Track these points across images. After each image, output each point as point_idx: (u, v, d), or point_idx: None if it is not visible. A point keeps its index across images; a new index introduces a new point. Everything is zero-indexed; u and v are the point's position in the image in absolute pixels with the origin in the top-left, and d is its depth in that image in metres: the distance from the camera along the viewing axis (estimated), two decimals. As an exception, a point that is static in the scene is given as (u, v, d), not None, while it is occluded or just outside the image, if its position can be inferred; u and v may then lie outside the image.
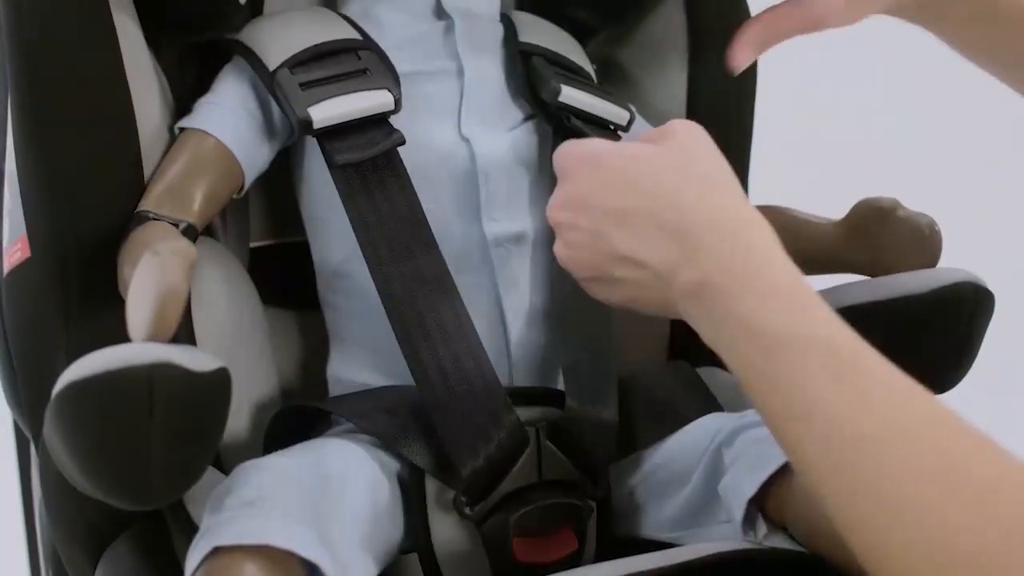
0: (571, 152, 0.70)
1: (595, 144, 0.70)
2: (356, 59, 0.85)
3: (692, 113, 1.00)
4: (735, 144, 1.02)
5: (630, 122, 0.92)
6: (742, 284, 0.61)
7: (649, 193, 0.65)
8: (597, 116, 0.90)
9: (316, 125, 0.81)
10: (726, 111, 1.01)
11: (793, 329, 0.59)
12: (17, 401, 0.84)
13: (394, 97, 0.83)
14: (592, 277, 0.70)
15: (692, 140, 0.69)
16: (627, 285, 0.67)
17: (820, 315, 0.60)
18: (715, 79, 1.00)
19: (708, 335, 0.64)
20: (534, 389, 0.86)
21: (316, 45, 0.85)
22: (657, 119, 1.00)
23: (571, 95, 0.88)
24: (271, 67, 0.84)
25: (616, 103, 0.92)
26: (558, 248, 0.70)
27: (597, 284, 0.70)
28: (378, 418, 0.80)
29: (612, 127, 0.92)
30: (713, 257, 0.62)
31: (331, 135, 0.83)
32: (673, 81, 1.01)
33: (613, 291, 0.69)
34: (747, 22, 0.84)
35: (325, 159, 0.83)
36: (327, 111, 0.82)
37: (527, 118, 0.90)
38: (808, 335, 0.59)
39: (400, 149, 0.84)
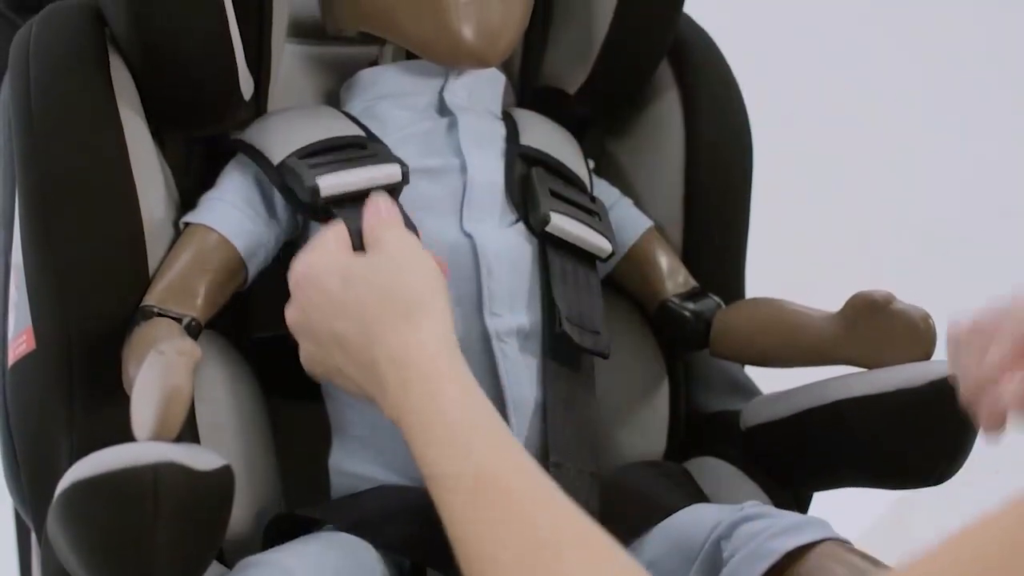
0: (296, 269, 0.75)
1: (316, 262, 0.74)
2: (362, 149, 0.87)
3: (688, 205, 1.01)
4: (732, 232, 1.04)
5: (611, 256, 0.94)
6: (412, 422, 0.66)
7: (356, 318, 0.70)
8: (578, 248, 0.92)
9: (323, 193, 0.83)
10: (722, 200, 1.03)
11: (446, 467, 0.64)
12: (19, 491, 0.85)
13: (402, 170, 0.85)
14: (329, 379, 0.75)
15: (403, 256, 0.74)
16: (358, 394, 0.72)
17: (474, 449, 0.64)
18: (711, 169, 1.02)
19: None
20: None
21: (321, 140, 0.87)
22: (654, 210, 1.02)
23: (558, 225, 0.89)
24: (276, 160, 0.86)
25: (601, 233, 0.93)
26: (300, 352, 0.76)
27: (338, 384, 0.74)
28: (379, 525, 0.80)
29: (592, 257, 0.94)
30: (393, 394, 0.68)
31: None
32: (669, 171, 1.02)
33: (352, 393, 0.73)
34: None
35: None
36: (334, 180, 0.83)
37: (521, 217, 0.92)
38: (455, 473, 0.64)
39: None
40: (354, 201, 0.83)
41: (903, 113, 1.92)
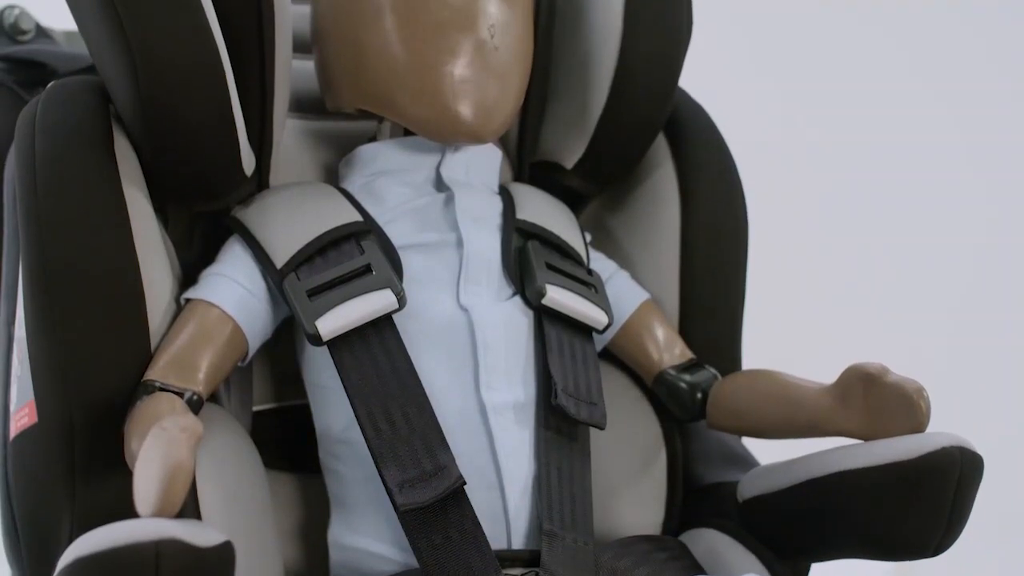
0: None
1: None
2: (359, 251, 0.88)
3: (684, 277, 1.02)
4: (728, 304, 1.04)
5: (607, 327, 0.94)
6: None
7: None
8: (575, 320, 0.93)
9: (325, 338, 0.84)
10: (718, 272, 1.04)
11: None
12: (20, 565, 0.85)
13: (396, 296, 0.85)
14: None
15: None
16: None
17: None
18: (707, 242, 1.03)
19: None
20: (532, 552, 0.87)
21: (319, 237, 0.88)
22: (650, 282, 1.03)
23: (554, 297, 0.91)
24: (277, 264, 0.87)
25: (598, 305, 0.94)
26: None
27: None
28: None
29: (589, 329, 0.95)
30: None
31: None
32: (665, 244, 1.03)
33: None
34: None
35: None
36: (334, 323, 0.84)
37: (518, 290, 0.93)
38: None
39: (399, 318, 0.86)
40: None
41: (904, 186, 1.94)
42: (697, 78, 1.09)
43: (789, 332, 1.66)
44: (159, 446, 0.67)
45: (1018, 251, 1.97)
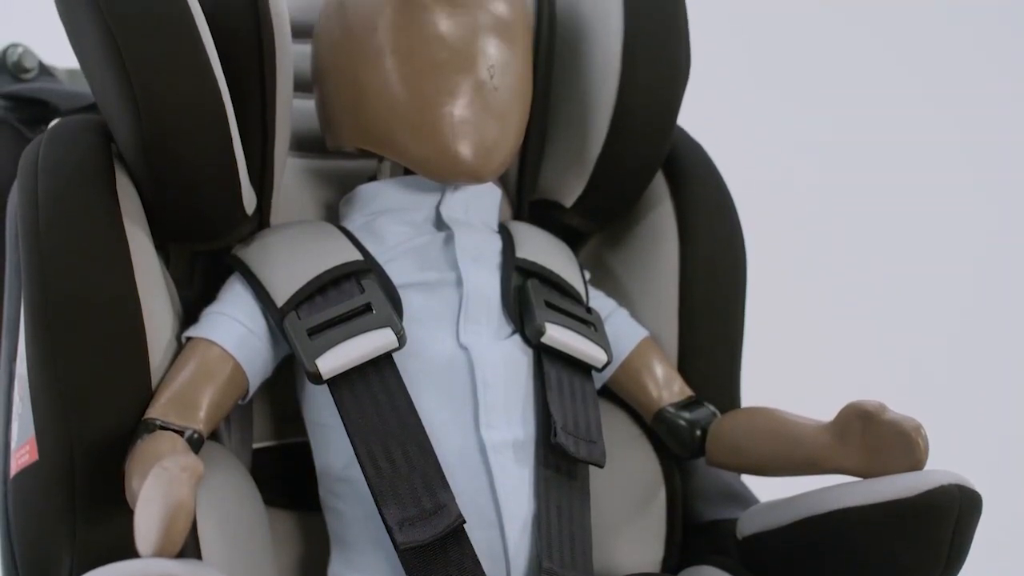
0: None
1: None
2: (359, 290, 0.88)
3: (683, 315, 1.02)
4: (727, 341, 1.04)
5: (606, 365, 0.95)
6: None
7: None
8: (574, 358, 0.93)
9: (325, 377, 0.84)
10: (717, 310, 1.04)
11: None
12: (19, 603, 0.85)
13: (396, 335, 0.86)
14: None
15: None
16: None
17: None
18: (706, 279, 1.03)
19: None
20: None
21: (320, 275, 0.88)
22: (649, 320, 1.03)
23: (553, 336, 0.91)
24: (278, 303, 0.87)
25: (597, 343, 0.94)
26: None
27: None
28: None
29: (588, 367, 0.95)
30: None
31: None
32: (664, 282, 1.04)
33: None
34: None
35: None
36: (334, 361, 0.84)
37: (517, 329, 0.93)
38: None
39: (399, 357, 0.87)
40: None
41: (902, 220, 1.94)
42: (694, 113, 1.09)
43: (788, 367, 1.66)
44: (160, 485, 0.67)
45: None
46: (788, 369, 1.63)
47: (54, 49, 1.16)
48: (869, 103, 1.92)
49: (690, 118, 1.07)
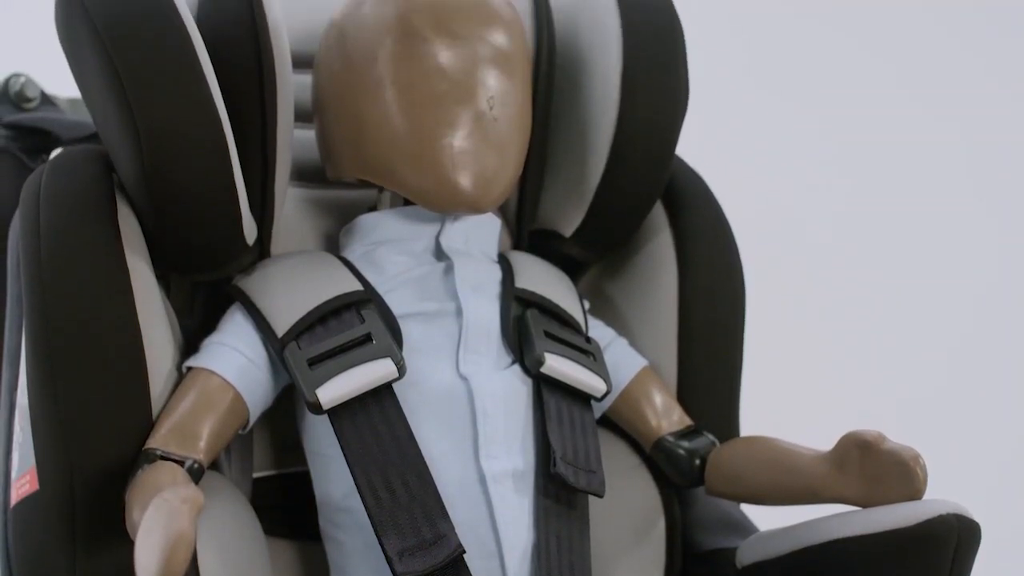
0: None
1: None
2: (359, 320, 0.88)
3: (682, 344, 1.03)
4: (726, 370, 1.05)
5: (605, 394, 0.95)
6: None
7: None
8: (573, 388, 0.94)
9: (325, 407, 0.85)
10: (716, 339, 1.04)
11: None
12: (19, 633, 0.85)
13: (396, 365, 0.86)
14: None
15: None
16: None
17: None
18: (705, 309, 1.03)
19: None
20: None
21: (320, 306, 0.89)
22: (648, 349, 1.03)
23: (553, 366, 0.91)
24: (278, 333, 0.88)
25: (596, 373, 0.95)
26: None
27: None
28: None
29: (587, 396, 0.95)
30: None
31: None
32: (663, 311, 1.04)
33: None
34: None
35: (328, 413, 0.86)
36: (334, 392, 0.85)
37: (517, 359, 0.93)
38: None
39: (399, 387, 0.87)
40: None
41: (901, 251, 1.95)
42: (692, 141, 1.10)
43: (787, 392, 1.66)
44: (161, 517, 0.67)
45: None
46: (787, 393, 1.64)
47: (56, 78, 1.17)
48: (877, 127, 1.92)
49: (686, 134, 1.07)
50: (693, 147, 1.09)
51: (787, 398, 1.62)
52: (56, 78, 1.16)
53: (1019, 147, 1.97)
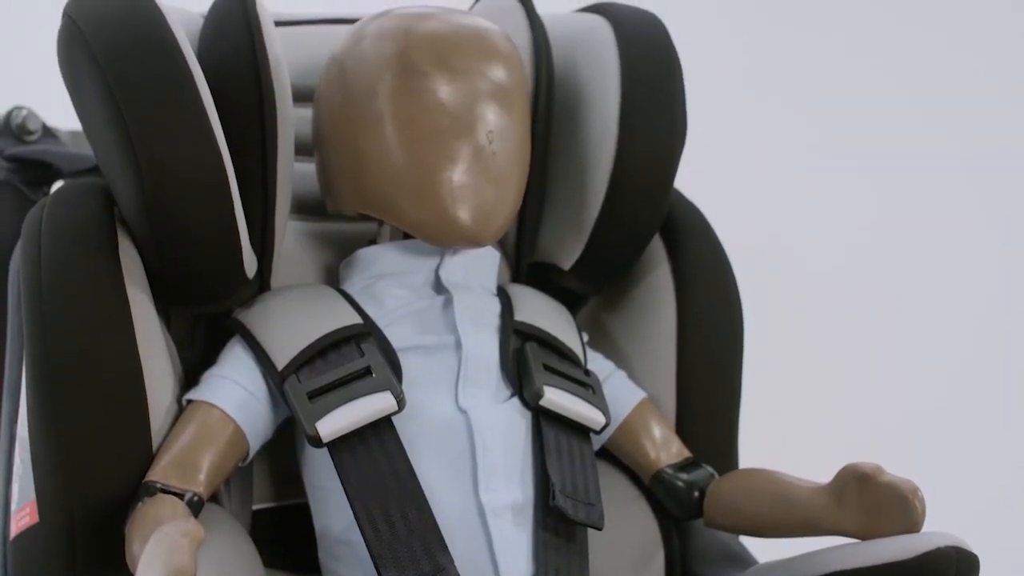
0: None
1: None
2: (359, 353, 0.89)
3: (681, 376, 1.03)
4: (725, 402, 1.05)
5: (604, 427, 0.95)
6: None
7: None
8: (572, 421, 0.94)
9: (325, 440, 0.85)
10: (715, 371, 1.04)
11: None
12: (18, 665, 0.85)
13: (396, 398, 0.86)
14: None
15: None
16: None
17: None
18: (703, 341, 1.04)
19: None
20: None
21: (320, 339, 0.89)
22: (647, 381, 1.04)
23: (552, 399, 0.92)
24: (278, 366, 0.88)
25: (595, 406, 0.95)
26: None
27: None
28: None
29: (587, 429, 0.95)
30: None
31: None
32: (662, 344, 1.04)
33: None
34: None
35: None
36: (333, 425, 0.85)
37: (516, 392, 0.93)
38: None
39: (398, 420, 0.87)
40: None
41: (898, 274, 1.95)
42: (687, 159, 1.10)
43: (785, 422, 1.66)
44: (161, 551, 0.67)
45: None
46: (786, 421, 1.64)
47: (58, 111, 1.17)
48: (876, 140, 1.92)
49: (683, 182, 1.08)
50: (688, 157, 1.09)
51: (786, 426, 1.62)
52: (58, 111, 1.16)
53: (1020, 151, 1.97)
